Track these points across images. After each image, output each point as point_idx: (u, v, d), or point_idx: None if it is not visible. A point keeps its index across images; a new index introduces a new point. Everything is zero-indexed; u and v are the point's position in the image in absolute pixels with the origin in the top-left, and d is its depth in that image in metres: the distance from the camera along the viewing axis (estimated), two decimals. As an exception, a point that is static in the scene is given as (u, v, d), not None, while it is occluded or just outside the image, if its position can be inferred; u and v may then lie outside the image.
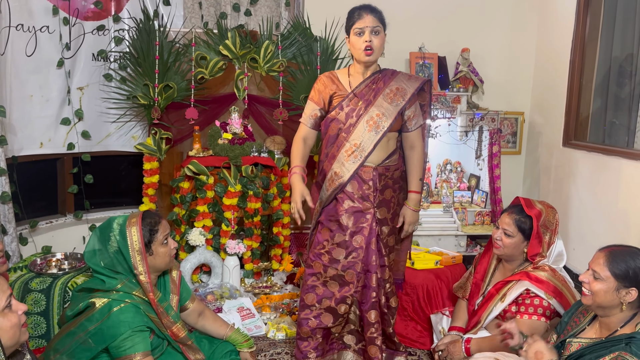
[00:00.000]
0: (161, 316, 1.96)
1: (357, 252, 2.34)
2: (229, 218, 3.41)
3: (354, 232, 2.35)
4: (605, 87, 3.62)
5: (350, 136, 2.32)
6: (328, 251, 2.36)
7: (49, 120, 3.46)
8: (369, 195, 2.35)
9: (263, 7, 3.97)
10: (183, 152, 3.72)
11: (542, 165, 4.14)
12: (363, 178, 2.34)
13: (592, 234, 3.45)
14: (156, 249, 1.99)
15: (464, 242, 3.86)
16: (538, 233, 2.29)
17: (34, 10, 3.27)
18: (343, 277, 2.35)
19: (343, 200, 2.36)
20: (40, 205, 3.65)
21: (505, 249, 2.34)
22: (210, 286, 3.28)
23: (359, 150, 2.31)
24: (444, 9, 4.10)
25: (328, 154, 2.39)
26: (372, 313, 2.37)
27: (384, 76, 2.38)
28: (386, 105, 2.32)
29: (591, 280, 1.78)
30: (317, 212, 2.42)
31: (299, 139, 2.48)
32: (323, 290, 2.36)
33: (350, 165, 2.32)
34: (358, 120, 2.32)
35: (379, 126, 2.31)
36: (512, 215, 2.35)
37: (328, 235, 2.37)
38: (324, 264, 2.36)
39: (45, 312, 2.56)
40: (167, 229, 2.05)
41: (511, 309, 2.27)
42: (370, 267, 2.36)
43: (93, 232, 2.01)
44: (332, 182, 2.36)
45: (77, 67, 3.55)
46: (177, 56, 3.53)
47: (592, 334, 1.84)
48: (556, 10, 3.98)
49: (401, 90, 2.35)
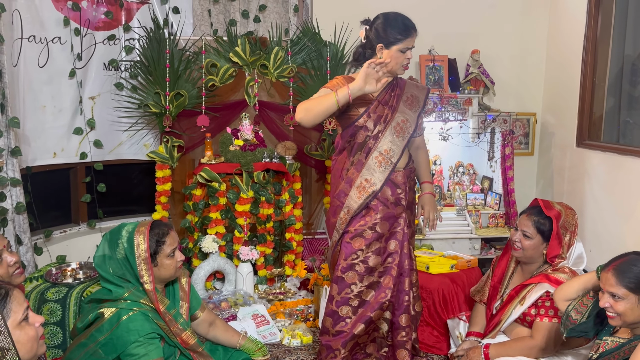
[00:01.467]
0: (169, 324, 1.96)
1: (392, 257, 2.38)
2: (241, 224, 3.41)
3: (388, 237, 2.39)
4: (619, 86, 3.58)
5: (378, 143, 2.33)
6: (363, 260, 2.34)
7: (61, 130, 3.48)
8: (401, 199, 2.39)
9: (272, 13, 3.98)
10: (195, 160, 3.72)
11: (555, 166, 4.10)
12: (396, 182, 2.38)
13: (609, 235, 3.40)
14: (161, 260, 1.98)
15: (478, 245, 3.82)
16: (558, 234, 2.26)
17: (46, 21, 3.30)
18: (380, 284, 2.37)
19: (377, 207, 2.35)
20: (54, 215, 3.67)
21: (525, 251, 2.32)
22: (224, 293, 3.28)
23: (389, 156, 2.34)
24: (454, 11, 4.08)
25: (354, 162, 2.37)
26: (404, 317, 2.40)
27: (397, 82, 2.42)
28: (407, 111, 2.39)
29: (613, 303, 1.77)
30: (346, 221, 2.36)
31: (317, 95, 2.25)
32: (359, 300, 2.34)
33: (380, 174, 2.33)
34: (386, 127, 2.34)
35: (405, 132, 2.36)
36: (531, 216, 2.33)
37: (362, 244, 2.34)
38: (359, 274, 2.34)
39: (61, 322, 2.57)
40: (175, 242, 2.02)
41: (530, 312, 2.25)
42: (403, 270, 2.40)
43: (103, 237, 2.01)
44: (363, 189, 2.33)
45: (88, 76, 3.57)
46: (187, 64, 3.54)
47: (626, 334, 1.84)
48: (567, 9, 3.95)
49: (415, 97, 2.43)
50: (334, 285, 2.39)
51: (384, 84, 2.18)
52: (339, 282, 2.36)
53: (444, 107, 3.82)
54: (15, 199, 2.99)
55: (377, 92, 2.31)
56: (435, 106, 3.79)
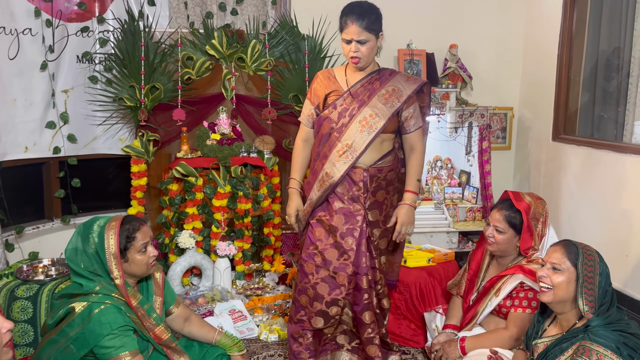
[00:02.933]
0: (142, 318, 1.93)
1: (347, 253, 2.31)
2: (218, 219, 3.38)
3: (344, 233, 2.32)
4: (593, 81, 3.63)
5: (342, 136, 2.28)
6: (321, 252, 2.33)
7: (33, 124, 3.40)
8: (359, 196, 2.32)
9: (249, 6, 3.94)
10: (171, 154, 3.67)
11: (532, 160, 4.14)
12: (353, 179, 2.31)
13: (584, 227, 3.45)
14: (132, 256, 1.95)
15: (455, 238, 3.85)
16: (529, 226, 2.28)
17: (16, 12, 3.22)
18: (334, 279, 2.32)
19: (333, 201, 2.33)
20: (27, 211, 3.59)
21: (498, 245, 2.33)
22: (201, 289, 3.25)
23: (350, 150, 2.27)
24: (432, 5, 4.09)
25: (320, 154, 2.36)
26: (367, 314, 2.36)
27: (381, 76, 2.34)
28: (380, 105, 2.28)
29: (551, 274, 1.81)
30: (308, 212, 2.39)
31: (300, 140, 2.49)
32: (314, 293, 2.32)
33: (341, 166, 2.28)
34: (351, 120, 2.28)
35: (371, 127, 2.26)
36: (502, 211, 2.34)
37: (321, 236, 2.34)
38: (316, 265, 2.33)
39: (32, 319, 2.52)
40: (146, 237, 1.99)
41: (506, 304, 2.26)
42: (360, 269, 2.33)
43: (76, 230, 1.97)
44: (322, 182, 2.32)
45: (61, 69, 3.49)
46: (163, 57, 3.49)
47: (553, 332, 1.88)
48: (543, 4, 3.99)
49: (397, 92, 2.30)
50: (297, 273, 2.42)
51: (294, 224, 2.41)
52: (300, 270, 2.38)
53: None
54: (-16, 194, 2.92)
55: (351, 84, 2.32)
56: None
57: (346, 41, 2.23)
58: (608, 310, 1.75)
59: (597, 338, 1.67)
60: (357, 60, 2.24)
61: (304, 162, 2.49)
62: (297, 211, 2.42)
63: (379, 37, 2.26)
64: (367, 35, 2.20)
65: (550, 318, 1.95)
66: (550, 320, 1.94)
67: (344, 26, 2.22)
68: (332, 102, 2.33)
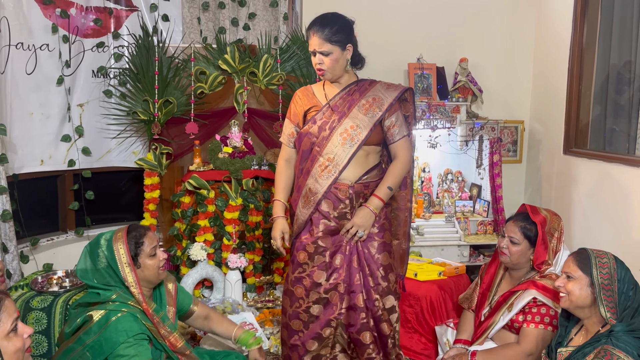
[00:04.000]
0: (157, 325, 1.96)
1: (337, 272, 2.24)
2: (230, 232, 3.40)
3: (334, 251, 2.25)
4: (604, 94, 3.62)
5: (323, 150, 2.22)
6: (309, 274, 2.26)
7: (49, 138, 3.47)
8: (346, 214, 2.25)
9: (261, 21, 3.99)
10: (184, 167, 3.72)
11: (543, 174, 4.13)
12: (338, 196, 2.24)
13: (596, 240, 3.42)
14: (143, 261, 1.99)
15: (467, 252, 3.83)
16: (543, 239, 2.28)
17: (34, 28, 3.30)
18: (327, 300, 2.25)
19: (319, 220, 2.25)
20: (41, 223, 3.64)
21: (512, 256, 2.33)
22: (212, 301, 3.26)
23: (332, 164, 2.20)
24: (442, 19, 4.12)
25: (303, 170, 2.30)
26: (366, 335, 2.26)
27: (360, 87, 2.29)
28: (361, 116, 2.22)
29: (565, 283, 1.88)
30: (295, 232, 2.33)
31: (282, 161, 2.45)
32: (307, 316, 2.26)
33: (323, 181, 2.21)
34: (331, 133, 2.22)
35: (353, 139, 2.20)
36: (518, 222, 2.34)
37: (306, 258, 2.27)
38: (305, 288, 2.26)
39: (46, 330, 2.55)
40: (154, 241, 2.04)
41: (518, 319, 2.25)
42: (354, 287, 2.25)
43: (83, 250, 2.02)
44: (307, 198, 2.26)
45: (77, 84, 3.56)
46: (176, 71, 3.54)
47: (579, 341, 1.90)
48: (553, 18, 4.00)
49: (377, 101, 2.24)
50: (285, 297, 2.34)
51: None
52: (290, 295, 2.31)
53: (432, 115, 3.84)
54: (1, 206, 2.97)
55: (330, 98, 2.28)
56: (423, 114, 3.82)
57: (312, 53, 2.21)
58: (633, 317, 1.75)
59: (619, 343, 1.68)
60: (322, 72, 2.21)
61: (287, 182, 2.42)
62: (282, 234, 2.35)
63: (345, 48, 2.20)
64: (330, 46, 2.16)
65: (577, 327, 1.96)
66: (577, 329, 1.95)
67: (308, 38, 2.22)
68: (311, 117, 2.29)
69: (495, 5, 4.20)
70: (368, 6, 3.88)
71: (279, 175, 2.44)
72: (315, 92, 2.36)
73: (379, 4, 3.89)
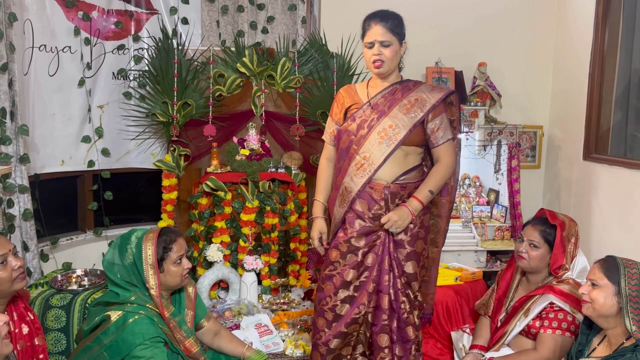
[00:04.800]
0: (173, 330, 1.97)
1: (369, 270, 2.23)
2: (246, 234, 3.42)
3: (366, 251, 2.23)
4: (626, 100, 3.57)
5: (360, 148, 2.19)
6: (340, 273, 2.25)
7: (70, 139, 3.52)
8: (381, 215, 2.20)
9: (280, 25, 4.02)
10: (201, 169, 3.74)
11: (562, 180, 4.08)
12: (374, 197, 2.20)
13: (615, 249, 3.37)
14: (168, 267, 2.00)
15: (483, 257, 3.80)
16: (562, 242, 2.25)
17: (57, 31, 3.35)
18: (354, 298, 2.24)
19: (354, 219, 2.24)
20: (61, 222, 3.69)
21: (531, 261, 2.30)
22: (227, 302, 3.28)
23: (368, 163, 2.17)
24: (461, 23, 4.10)
25: (340, 168, 2.30)
26: (384, 337, 2.24)
27: (403, 87, 2.25)
28: (401, 116, 2.17)
29: (589, 290, 1.83)
30: (332, 231, 2.33)
31: (324, 159, 2.44)
32: (332, 315, 2.26)
33: (358, 180, 2.19)
34: (369, 132, 2.19)
35: (391, 138, 2.16)
36: (537, 226, 2.32)
37: (339, 256, 2.26)
38: (335, 286, 2.25)
39: (65, 328, 2.58)
40: (182, 249, 2.04)
41: (535, 324, 2.23)
42: (382, 287, 2.23)
43: (114, 242, 2.04)
44: (342, 197, 2.25)
45: (97, 85, 3.61)
46: (195, 74, 3.57)
47: (602, 352, 1.85)
48: (574, 22, 3.96)
49: (420, 101, 2.19)
50: (317, 294, 2.36)
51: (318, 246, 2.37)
52: (319, 292, 2.32)
53: (450, 119, 3.82)
54: (22, 205, 3.02)
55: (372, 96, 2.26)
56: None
57: (368, 45, 2.17)
58: None
59: None
60: (380, 64, 2.16)
61: (328, 182, 2.41)
62: (320, 234, 2.36)
63: (402, 44, 2.21)
64: (391, 37, 2.15)
65: (599, 336, 1.91)
66: (600, 339, 1.90)
67: (366, 29, 2.18)
68: (351, 115, 2.28)
69: (514, 10, 4.17)
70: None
71: (320, 175, 2.44)
72: (358, 90, 2.34)
73: (397, 8, 3.87)
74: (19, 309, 1.93)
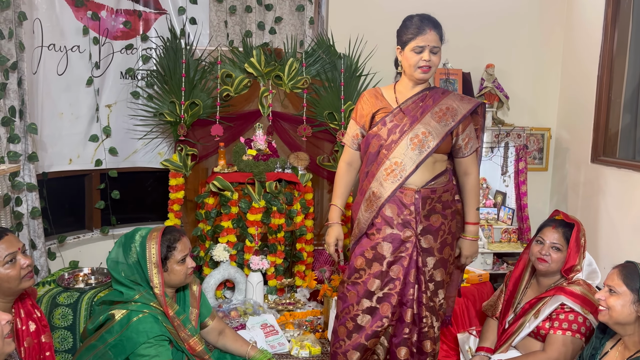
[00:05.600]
0: (177, 329, 1.98)
1: (393, 283, 2.17)
2: (252, 234, 3.42)
3: (392, 262, 2.18)
4: (635, 103, 3.55)
5: (391, 153, 2.16)
6: (364, 281, 2.20)
7: (78, 137, 3.53)
8: (410, 221, 2.16)
9: (287, 25, 4.02)
10: (208, 168, 3.75)
11: (570, 182, 4.06)
12: (404, 202, 2.16)
13: (623, 252, 3.35)
14: (171, 266, 2.00)
15: (490, 259, 3.79)
16: (577, 242, 2.24)
17: (66, 30, 3.37)
18: (377, 310, 2.19)
19: (381, 226, 2.19)
20: (69, 221, 3.71)
21: (553, 264, 2.28)
22: (233, 302, 3.28)
23: (399, 169, 2.14)
24: (469, 25, 4.09)
25: (368, 173, 2.25)
26: (403, 350, 2.23)
27: (434, 94, 2.23)
28: (434, 124, 2.16)
29: (607, 296, 1.79)
30: (356, 236, 2.29)
31: (343, 163, 2.39)
32: (353, 325, 2.21)
33: (388, 185, 2.15)
34: (401, 137, 2.16)
35: (424, 145, 2.14)
36: (558, 228, 2.30)
37: (364, 264, 2.22)
38: (358, 295, 2.21)
39: (72, 326, 2.59)
40: (186, 248, 2.04)
41: (545, 326, 2.21)
42: (406, 300, 2.19)
43: (118, 240, 2.04)
44: (369, 202, 2.20)
45: (105, 85, 3.63)
46: (203, 74, 3.58)
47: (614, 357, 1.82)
48: (582, 24, 3.94)
49: (452, 110, 2.19)
50: (338, 301, 2.31)
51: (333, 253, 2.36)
52: (342, 300, 2.28)
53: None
54: (30, 203, 3.03)
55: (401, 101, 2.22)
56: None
57: (418, 49, 2.13)
58: None
59: None
60: (428, 69, 2.15)
61: (347, 187, 2.38)
62: (336, 240, 2.33)
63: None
64: (440, 45, 2.18)
65: (612, 340, 1.88)
66: (613, 343, 1.87)
67: (417, 33, 2.13)
68: (381, 119, 2.22)
69: (523, 11, 4.15)
70: (394, 11, 3.85)
71: (339, 179, 2.39)
72: (385, 94, 2.30)
73: (406, 9, 3.87)
74: (26, 306, 1.94)
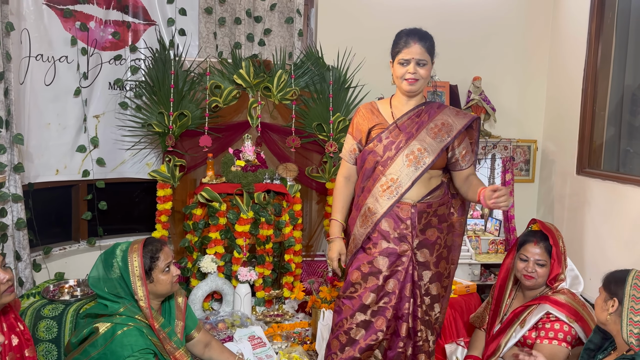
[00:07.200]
0: (163, 341, 1.96)
1: (389, 297, 2.19)
2: (240, 245, 3.41)
3: (388, 276, 2.19)
4: (619, 115, 3.61)
5: (387, 170, 2.18)
6: (360, 295, 2.21)
7: (65, 148, 3.51)
8: (406, 235, 2.18)
9: (277, 37, 4.04)
10: (196, 179, 3.74)
11: (556, 194, 4.11)
12: (400, 216, 2.18)
13: (609, 263, 3.38)
14: (157, 276, 2.00)
15: (477, 270, 3.81)
16: (558, 252, 2.26)
17: (54, 40, 3.36)
18: (371, 324, 2.20)
19: (378, 240, 2.21)
20: (55, 232, 3.67)
21: (540, 278, 2.30)
22: (221, 314, 3.26)
23: (395, 185, 2.15)
24: (455, 37, 4.14)
25: (364, 188, 2.26)
26: None
27: (429, 109, 2.25)
28: (429, 140, 2.17)
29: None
30: (351, 251, 2.29)
31: (341, 177, 2.39)
32: (347, 338, 2.21)
33: (384, 202, 2.16)
34: (397, 154, 2.17)
35: (419, 162, 2.15)
36: (540, 243, 2.32)
37: (360, 278, 2.22)
38: (352, 309, 2.21)
39: (56, 339, 2.56)
40: (169, 257, 2.05)
41: (531, 335, 2.23)
42: (402, 314, 2.20)
43: (98, 259, 2.03)
44: (365, 218, 2.21)
45: (93, 95, 3.61)
46: (191, 85, 3.58)
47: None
48: (567, 38, 4.01)
49: (447, 126, 2.20)
50: (333, 315, 2.31)
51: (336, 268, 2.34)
52: (337, 313, 2.28)
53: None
54: (16, 214, 3.00)
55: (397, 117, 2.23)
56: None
57: (403, 62, 2.16)
58: None
59: None
60: (414, 81, 2.16)
61: (346, 201, 2.38)
62: (339, 255, 2.33)
63: (432, 64, 2.23)
64: (428, 57, 2.18)
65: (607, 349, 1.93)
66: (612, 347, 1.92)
67: (403, 46, 2.16)
68: (376, 135, 2.24)
69: (509, 25, 4.22)
70: (382, 24, 3.92)
71: (338, 194, 2.39)
72: (380, 109, 2.31)
73: (393, 22, 3.92)
74: (9, 319, 1.91)
